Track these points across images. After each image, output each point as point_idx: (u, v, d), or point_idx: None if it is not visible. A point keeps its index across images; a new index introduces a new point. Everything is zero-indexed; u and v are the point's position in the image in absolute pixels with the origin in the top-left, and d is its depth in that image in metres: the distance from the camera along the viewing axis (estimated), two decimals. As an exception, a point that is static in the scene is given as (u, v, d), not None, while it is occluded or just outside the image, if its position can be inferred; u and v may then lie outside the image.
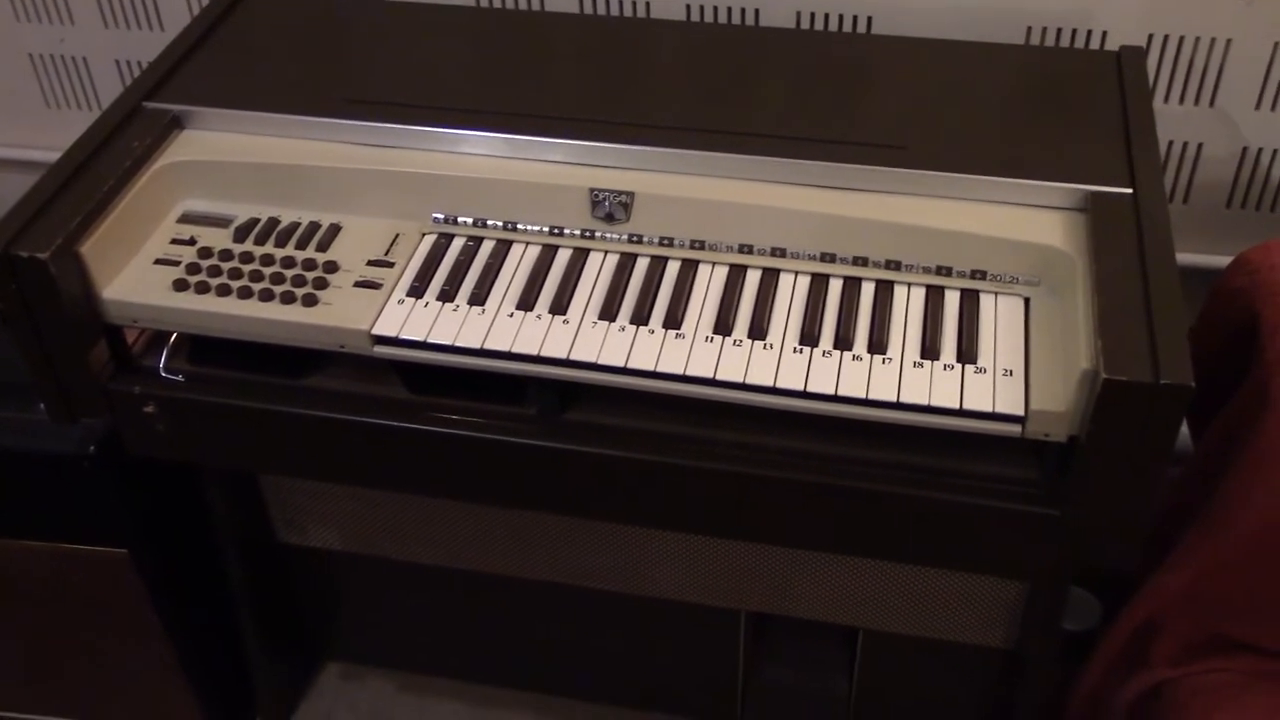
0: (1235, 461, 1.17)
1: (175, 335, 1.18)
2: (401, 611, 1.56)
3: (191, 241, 1.16)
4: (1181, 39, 1.40)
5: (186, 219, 1.19)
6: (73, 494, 1.34)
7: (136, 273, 1.14)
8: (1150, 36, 1.41)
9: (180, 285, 1.12)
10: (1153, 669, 1.29)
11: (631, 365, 1.05)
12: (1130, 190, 1.08)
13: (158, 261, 1.15)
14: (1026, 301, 1.08)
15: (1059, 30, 1.42)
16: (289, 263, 1.14)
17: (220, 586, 1.49)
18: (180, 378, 1.17)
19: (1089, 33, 1.42)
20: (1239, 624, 1.25)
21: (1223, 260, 1.32)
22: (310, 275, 1.12)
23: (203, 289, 1.12)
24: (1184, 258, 1.50)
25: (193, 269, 1.14)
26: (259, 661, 1.57)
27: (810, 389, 1.03)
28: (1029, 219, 1.09)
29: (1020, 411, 1.00)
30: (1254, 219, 1.51)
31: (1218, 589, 1.23)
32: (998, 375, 1.02)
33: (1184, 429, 1.06)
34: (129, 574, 1.40)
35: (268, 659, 1.57)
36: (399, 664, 1.68)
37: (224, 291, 1.12)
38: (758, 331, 1.07)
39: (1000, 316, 1.07)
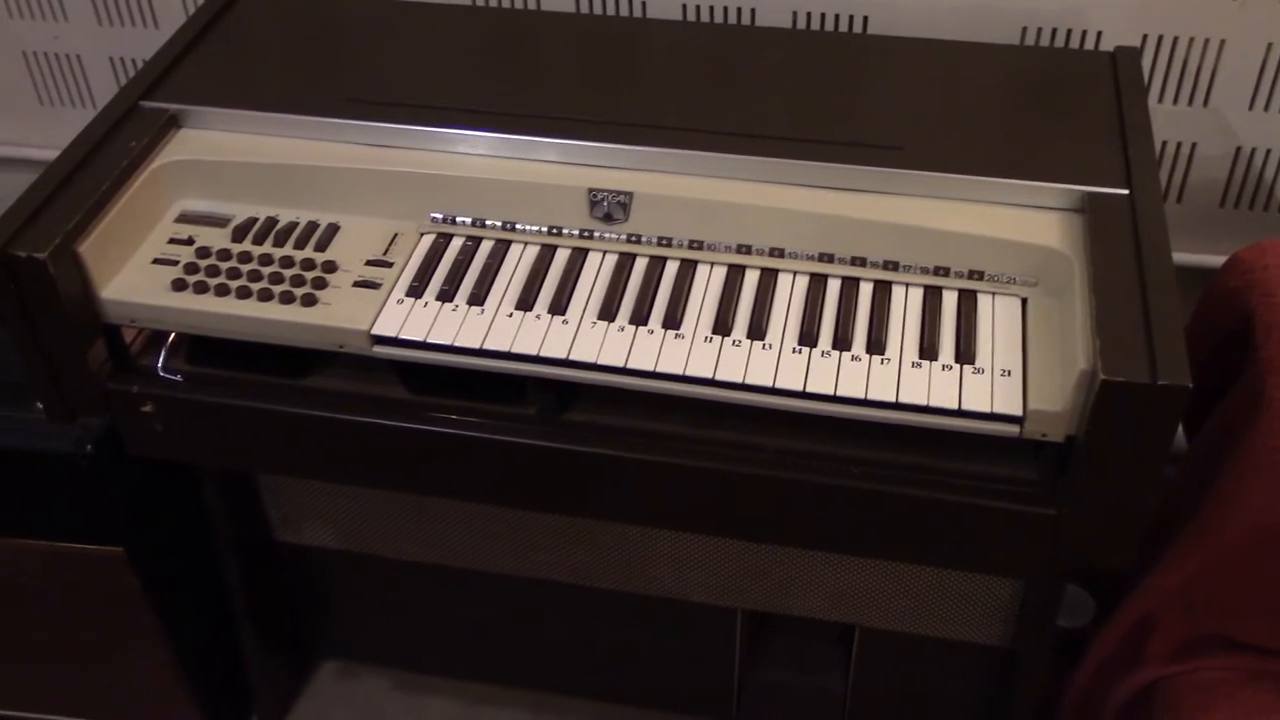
0: (1230, 460, 1.18)
1: (173, 335, 1.18)
2: (397, 609, 1.56)
3: (189, 241, 1.16)
4: (1175, 39, 1.41)
5: (184, 218, 1.19)
6: (70, 493, 1.34)
7: (134, 272, 1.14)
8: (1145, 37, 1.41)
9: (178, 285, 1.12)
10: (1147, 667, 1.30)
11: (631, 365, 1.05)
12: (1127, 191, 1.09)
13: (156, 261, 1.15)
14: (1024, 302, 1.08)
15: (1054, 30, 1.43)
16: (287, 262, 1.14)
17: (217, 585, 1.49)
18: (178, 377, 1.17)
19: (1084, 33, 1.42)
20: (1233, 622, 1.25)
21: (1216, 260, 1.32)
22: (309, 275, 1.12)
23: (201, 289, 1.12)
24: (1178, 257, 1.49)
25: (191, 269, 1.13)
26: (256, 660, 1.57)
27: (809, 389, 1.03)
28: (1026, 220, 1.09)
29: (1018, 412, 1.00)
30: (1247, 219, 1.52)
31: (1212, 587, 1.24)
32: (996, 375, 1.03)
33: (1179, 428, 1.07)
34: (125, 573, 1.40)
35: (264, 657, 1.57)
36: (395, 662, 1.68)
37: (222, 291, 1.12)
38: (756, 332, 1.07)
39: (998, 317, 1.07)
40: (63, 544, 1.39)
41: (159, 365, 1.17)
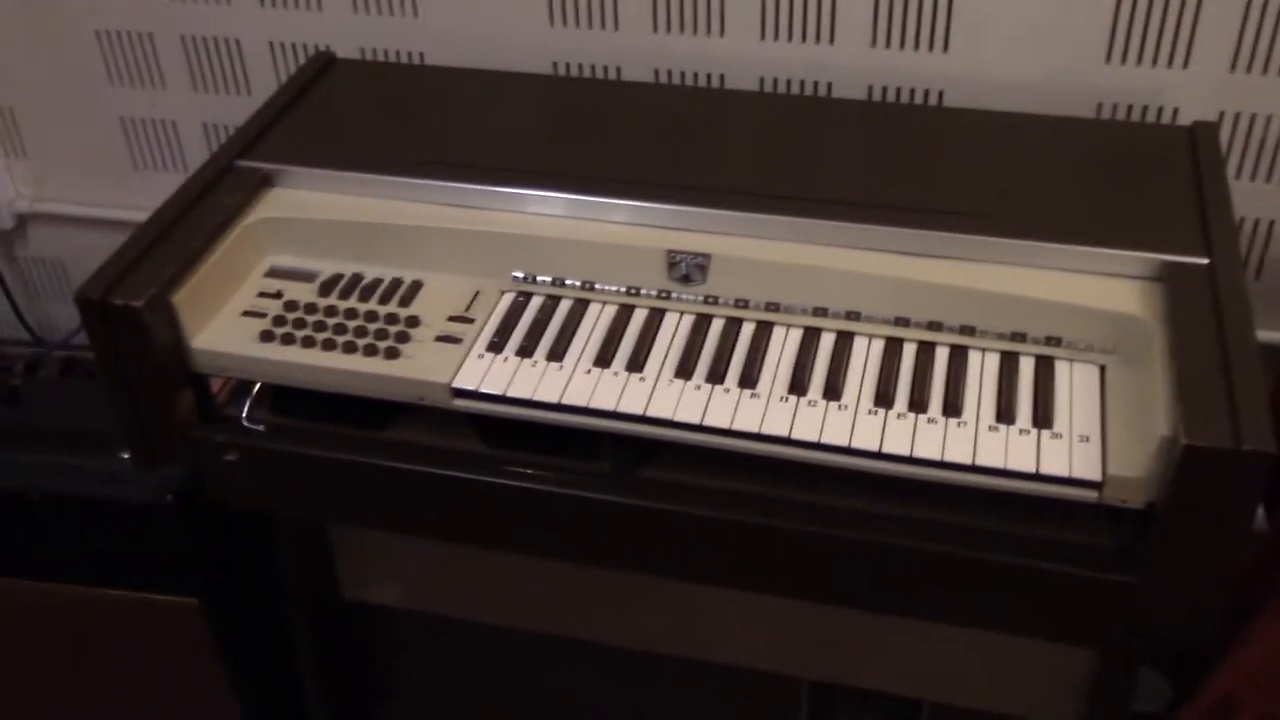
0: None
1: (259, 385, 1.21)
2: (462, 673, 1.56)
3: (278, 295, 1.19)
4: (1254, 116, 1.41)
5: (273, 273, 1.22)
6: (148, 542, 1.36)
7: (224, 324, 1.17)
8: (1221, 114, 1.41)
9: (266, 336, 1.15)
10: (1228, 750, 1.27)
11: (707, 423, 1.06)
12: (1207, 260, 1.09)
13: (245, 313, 1.18)
14: (1102, 369, 1.08)
15: (1129, 106, 1.44)
16: (371, 317, 1.16)
17: (283, 641, 1.50)
18: (262, 427, 1.20)
19: (1160, 109, 1.43)
20: (1319, 704, 1.22)
21: (1295, 336, 1.31)
22: (392, 329, 1.15)
23: (288, 340, 1.15)
24: (1256, 333, 1.49)
25: (279, 321, 1.16)
26: (320, 717, 1.57)
27: (885, 450, 1.03)
28: (1105, 287, 1.09)
29: (1097, 477, 0.99)
30: (1327, 296, 1.51)
31: (1296, 667, 1.21)
32: (1074, 440, 1.02)
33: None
34: (198, 624, 1.42)
35: (329, 715, 1.57)
36: (457, 725, 1.68)
37: (308, 343, 1.14)
38: (833, 392, 1.08)
39: (1075, 383, 1.07)
40: (137, 593, 1.41)
41: (244, 415, 1.20)
